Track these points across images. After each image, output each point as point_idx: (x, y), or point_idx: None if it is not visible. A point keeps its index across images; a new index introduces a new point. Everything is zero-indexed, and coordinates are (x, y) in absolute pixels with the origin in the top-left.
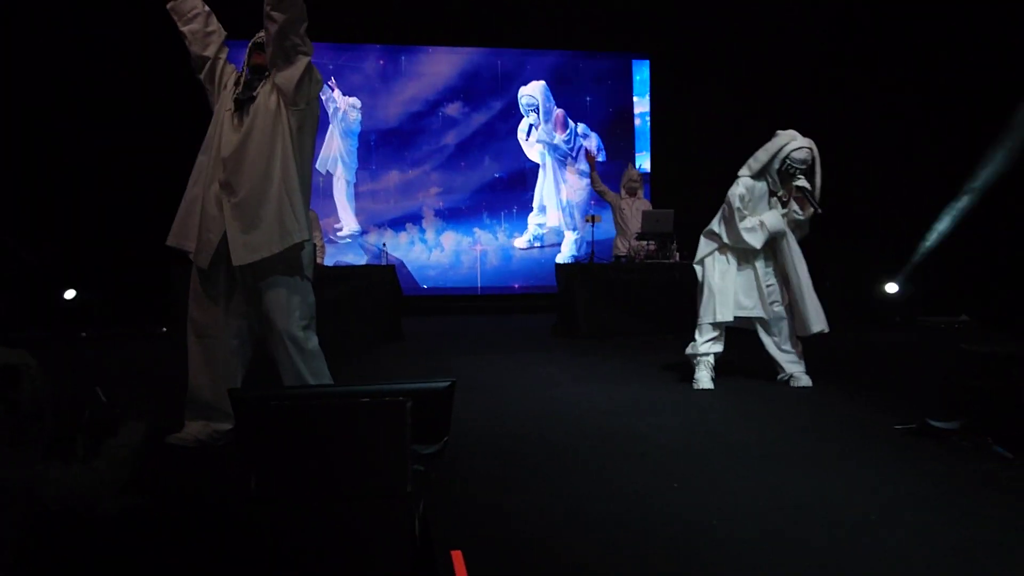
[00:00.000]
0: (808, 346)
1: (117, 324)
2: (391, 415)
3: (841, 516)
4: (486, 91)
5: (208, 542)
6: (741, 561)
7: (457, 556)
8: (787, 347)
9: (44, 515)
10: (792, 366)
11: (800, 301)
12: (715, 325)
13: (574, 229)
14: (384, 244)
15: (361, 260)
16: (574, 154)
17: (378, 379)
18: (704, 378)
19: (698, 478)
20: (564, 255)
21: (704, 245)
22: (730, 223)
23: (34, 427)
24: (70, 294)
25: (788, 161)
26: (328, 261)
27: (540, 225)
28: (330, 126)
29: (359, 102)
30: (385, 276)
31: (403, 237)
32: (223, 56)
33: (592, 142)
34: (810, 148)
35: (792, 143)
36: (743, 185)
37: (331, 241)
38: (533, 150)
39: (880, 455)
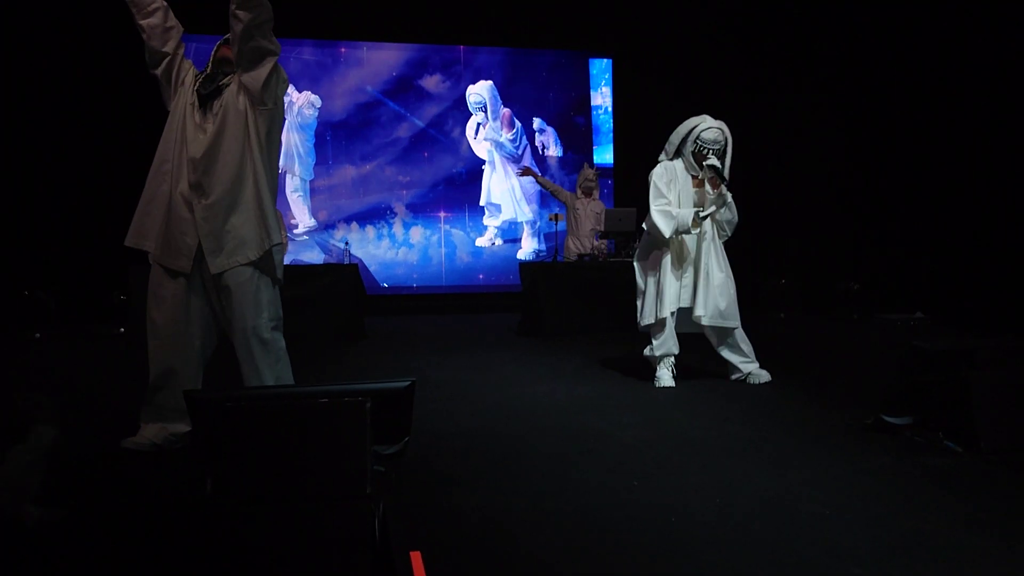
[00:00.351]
0: (766, 341)
1: (73, 325)
2: (350, 416)
3: (797, 511)
4: (440, 86)
5: (161, 546)
6: (699, 556)
7: (416, 557)
8: (738, 347)
9: None
10: (746, 365)
11: (703, 289)
12: (668, 322)
13: (531, 223)
14: (347, 243)
15: (318, 258)
16: (519, 153)
17: (339, 379)
18: (665, 376)
19: (658, 474)
20: (525, 251)
21: (647, 239)
22: (648, 206)
23: None
24: None
25: (699, 142)
26: (285, 259)
27: (498, 228)
28: (286, 121)
29: (319, 100)
30: (347, 274)
31: (368, 232)
32: (181, 52)
33: (549, 136)
34: (721, 129)
35: (702, 124)
36: (660, 166)
37: (289, 239)
38: (481, 148)
39: (836, 450)
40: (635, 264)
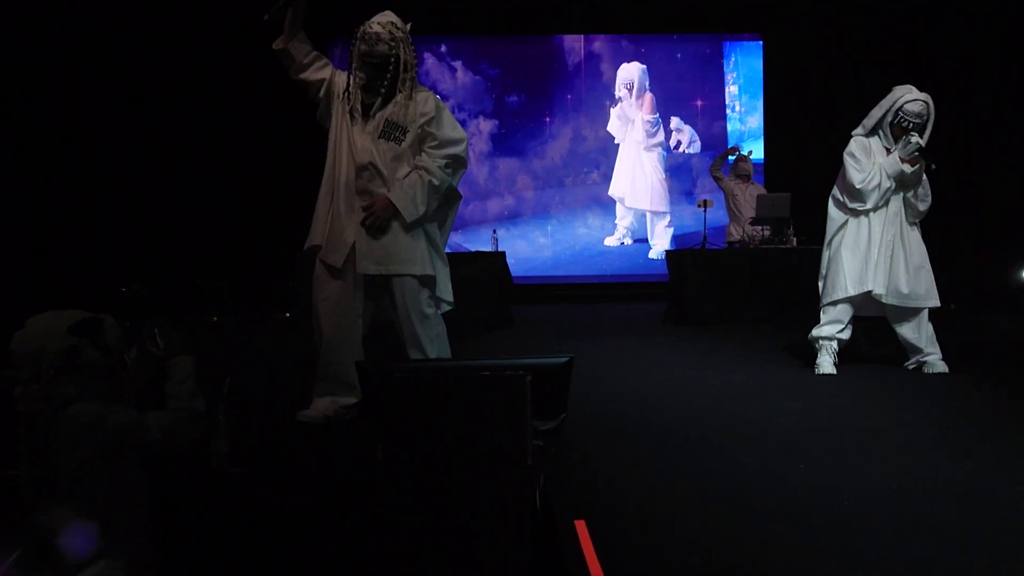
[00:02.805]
0: (943, 332)
1: (246, 310)
2: (511, 389)
3: (982, 502)
4: (573, 78)
5: (337, 508)
6: (875, 538)
7: (581, 526)
8: (920, 331)
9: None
10: (926, 353)
11: (885, 268)
12: (840, 306)
13: (662, 215)
14: (495, 231)
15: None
16: (652, 143)
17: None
18: (826, 363)
19: (825, 460)
20: (657, 250)
21: (832, 220)
22: (844, 179)
23: (122, 371)
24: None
25: (901, 113)
26: None
27: (627, 227)
28: None
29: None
30: (495, 262)
31: (501, 224)
32: (331, 78)
33: (685, 135)
34: (926, 102)
35: (908, 95)
36: (855, 143)
37: None
38: (616, 127)
39: (1022, 441)
40: (824, 249)
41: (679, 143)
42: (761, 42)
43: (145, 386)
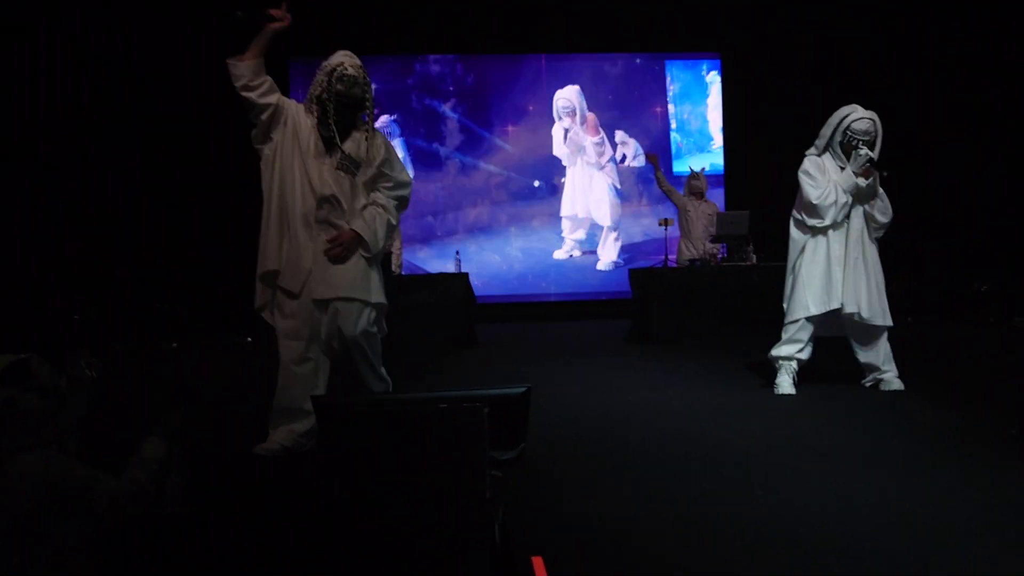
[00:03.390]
0: (899, 347)
1: (206, 335)
2: (468, 421)
3: (936, 523)
4: (519, 97)
5: (292, 545)
6: (830, 569)
7: (537, 562)
8: (878, 351)
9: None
10: (882, 372)
11: (851, 284)
12: (801, 325)
13: (612, 229)
14: (457, 252)
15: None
16: (603, 162)
17: (455, 385)
18: (785, 383)
19: (782, 483)
20: (604, 262)
21: (794, 242)
22: (801, 197)
23: (62, 406)
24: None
25: (849, 132)
26: None
27: (576, 240)
28: None
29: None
30: (458, 283)
31: (455, 243)
32: (280, 105)
33: (630, 148)
34: (872, 120)
35: (853, 114)
36: (808, 161)
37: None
38: (565, 154)
39: (977, 461)
40: (788, 274)
41: (624, 156)
42: (719, 60)
43: (84, 415)
